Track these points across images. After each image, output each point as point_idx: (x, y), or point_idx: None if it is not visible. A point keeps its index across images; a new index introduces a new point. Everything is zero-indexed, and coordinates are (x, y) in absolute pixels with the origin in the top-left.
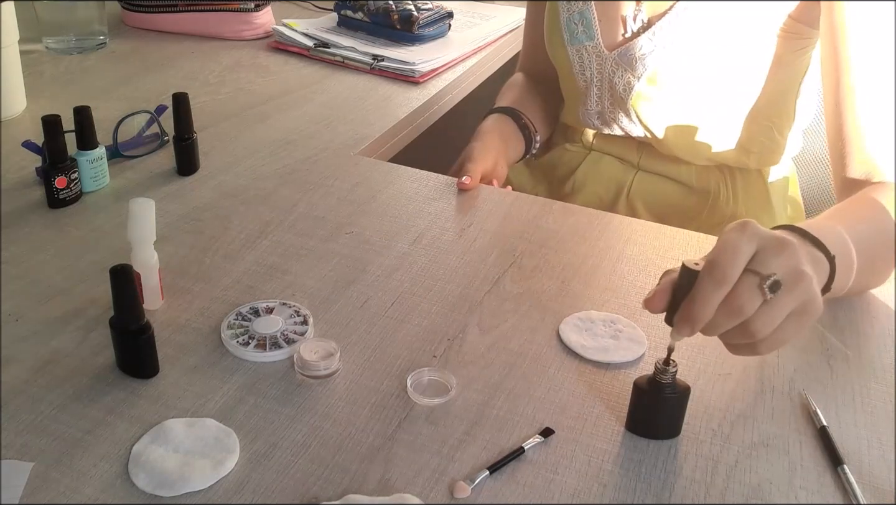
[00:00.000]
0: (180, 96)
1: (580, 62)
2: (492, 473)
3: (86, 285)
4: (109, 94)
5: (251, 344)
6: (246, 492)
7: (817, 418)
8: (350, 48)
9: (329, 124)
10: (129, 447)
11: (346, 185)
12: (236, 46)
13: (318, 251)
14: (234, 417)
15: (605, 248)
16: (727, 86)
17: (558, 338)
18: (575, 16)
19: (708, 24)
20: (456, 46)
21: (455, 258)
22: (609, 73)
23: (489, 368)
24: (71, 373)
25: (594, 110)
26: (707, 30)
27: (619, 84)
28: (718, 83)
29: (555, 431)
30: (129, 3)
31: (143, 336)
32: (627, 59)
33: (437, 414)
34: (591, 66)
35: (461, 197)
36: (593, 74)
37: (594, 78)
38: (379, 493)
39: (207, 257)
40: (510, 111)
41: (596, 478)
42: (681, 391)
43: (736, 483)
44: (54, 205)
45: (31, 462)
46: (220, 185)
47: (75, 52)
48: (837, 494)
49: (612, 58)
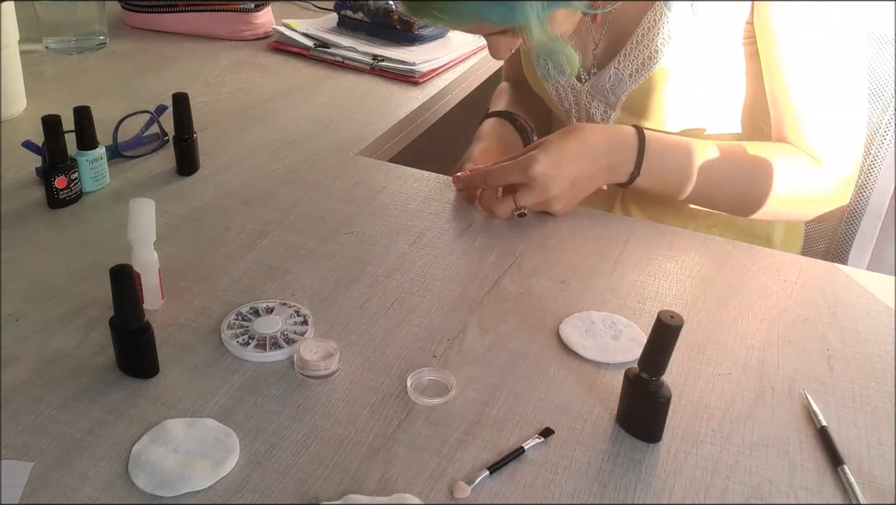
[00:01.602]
0: (180, 96)
1: (557, 94)
2: (492, 473)
3: (86, 285)
4: (109, 94)
5: (251, 344)
6: (246, 492)
7: (817, 418)
8: (350, 48)
9: (329, 124)
10: (129, 447)
11: (346, 185)
12: (236, 46)
13: (318, 251)
14: (234, 417)
15: (605, 248)
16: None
17: (558, 338)
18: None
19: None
20: (456, 46)
21: (455, 258)
22: (585, 105)
23: (489, 368)
24: (71, 373)
25: None
26: (671, 53)
27: (596, 114)
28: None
29: (555, 431)
30: (129, 3)
31: (143, 336)
32: (600, 90)
33: (437, 414)
34: (568, 97)
35: (461, 197)
36: (571, 105)
37: (572, 108)
38: (379, 493)
39: (207, 257)
40: (507, 115)
41: (596, 478)
42: (663, 394)
43: (736, 483)
44: (54, 205)
45: (31, 462)
46: (220, 185)
47: (75, 52)
48: (837, 494)
49: (586, 90)
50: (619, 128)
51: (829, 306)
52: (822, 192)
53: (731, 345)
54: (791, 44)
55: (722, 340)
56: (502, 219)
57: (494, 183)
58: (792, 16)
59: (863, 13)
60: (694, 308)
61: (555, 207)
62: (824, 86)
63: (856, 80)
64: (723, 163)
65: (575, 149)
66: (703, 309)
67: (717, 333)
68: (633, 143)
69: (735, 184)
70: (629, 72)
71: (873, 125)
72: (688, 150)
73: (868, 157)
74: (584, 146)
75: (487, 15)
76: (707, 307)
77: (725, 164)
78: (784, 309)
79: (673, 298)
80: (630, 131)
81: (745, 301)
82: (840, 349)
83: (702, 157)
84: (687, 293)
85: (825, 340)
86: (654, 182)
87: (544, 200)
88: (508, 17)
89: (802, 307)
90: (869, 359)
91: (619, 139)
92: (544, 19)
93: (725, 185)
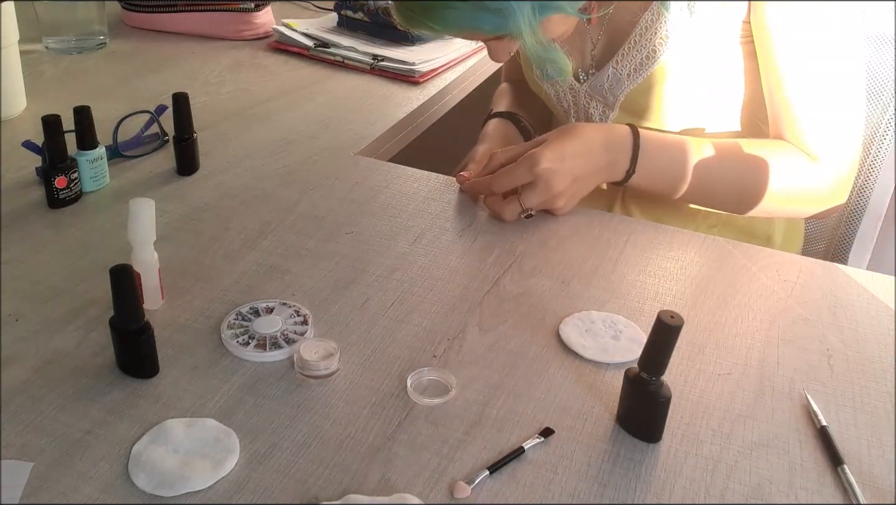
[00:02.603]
0: (180, 96)
1: (556, 95)
2: (492, 473)
3: (86, 285)
4: (109, 94)
5: (251, 344)
6: (246, 492)
7: (817, 418)
8: (350, 48)
9: (329, 124)
10: (129, 447)
11: (346, 185)
12: (236, 46)
13: (318, 251)
14: (234, 417)
15: (605, 248)
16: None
17: (558, 338)
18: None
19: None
20: (456, 46)
21: (455, 258)
22: (584, 105)
23: (489, 368)
24: (71, 373)
25: None
26: (669, 52)
27: (594, 114)
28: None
29: (555, 431)
30: (129, 3)
31: (143, 336)
32: (598, 90)
33: (437, 414)
34: (567, 97)
35: (461, 197)
36: (570, 105)
37: (571, 108)
38: (379, 493)
39: (207, 257)
40: (510, 115)
41: (596, 478)
42: (663, 394)
43: (736, 483)
44: (54, 205)
45: (31, 462)
46: (220, 185)
47: (75, 52)
48: (837, 494)
49: (584, 90)
50: (614, 126)
51: (829, 306)
52: (820, 190)
53: (731, 345)
54: (787, 42)
55: (722, 340)
56: (509, 221)
57: (500, 188)
58: (788, 14)
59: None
60: (694, 308)
61: (558, 204)
62: (821, 83)
63: (853, 77)
64: (718, 160)
65: (575, 146)
66: (703, 309)
67: (717, 333)
68: (629, 142)
69: (731, 181)
70: (627, 71)
71: (873, 125)
72: (683, 148)
73: (868, 157)
74: (583, 144)
75: (480, 25)
76: (707, 307)
77: (721, 162)
78: (784, 309)
79: (673, 298)
80: (625, 130)
81: (745, 301)
82: (840, 349)
83: (697, 155)
84: (687, 293)
85: (825, 340)
86: (649, 180)
87: (548, 198)
88: (500, 26)
89: (802, 307)
90: (869, 359)
91: (614, 137)
92: (536, 27)
93: (721, 182)
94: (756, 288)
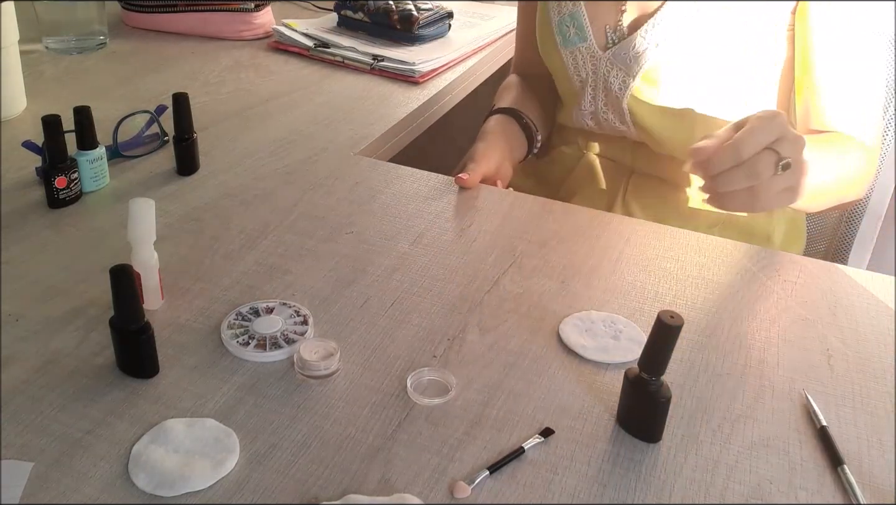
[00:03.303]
0: (180, 96)
1: (574, 64)
2: (492, 473)
3: (86, 285)
4: (109, 94)
5: (251, 344)
6: (246, 492)
7: (817, 418)
8: (350, 48)
9: (329, 124)
10: (129, 447)
11: (346, 185)
12: (236, 46)
13: (318, 251)
14: (234, 417)
15: (605, 248)
16: (730, 85)
17: (558, 338)
18: (566, 18)
19: (703, 23)
20: (456, 46)
21: (455, 258)
22: (604, 74)
23: (489, 368)
24: (71, 373)
25: (588, 111)
26: (703, 29)
27: (614, 83)
28: (720, 82)
29: (555, 431)
30: (129, 3)
31: (143, 336)
32: (621, 58)
33: (437, 414)
34: (586, 66)
35: (461, 197)
36: (588, 75)
37: (589, 78)
38: (379, 493)
39: (207, 257)
40: (512, 112)
41: (596, 478)
42: (663, 394)
43: (736, 483)
44: (54, 205)
45: (31, 462)
46: (220, 185)
47: (75, 52)
48: (837, 494)
49: (607, 58)
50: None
51: (829, 306)
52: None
53: (731, 345)
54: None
55: (722, 339)
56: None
57: (750, 149)
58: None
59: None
60: (694, 308)
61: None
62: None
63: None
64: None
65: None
66: (703, 309)
67: (717, 332)
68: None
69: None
70: (655, 42)
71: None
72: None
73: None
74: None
75: None
76: (707, 307)
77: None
78: (784, 309)
79: (673, 297)
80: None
81: (745, 301)
82: (840, 349)
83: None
84: (687, 293)
85: (825, 340)
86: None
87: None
88: None
89: (802, 307)
90: (869, 359)
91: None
92: None
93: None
94: (756, 288)
